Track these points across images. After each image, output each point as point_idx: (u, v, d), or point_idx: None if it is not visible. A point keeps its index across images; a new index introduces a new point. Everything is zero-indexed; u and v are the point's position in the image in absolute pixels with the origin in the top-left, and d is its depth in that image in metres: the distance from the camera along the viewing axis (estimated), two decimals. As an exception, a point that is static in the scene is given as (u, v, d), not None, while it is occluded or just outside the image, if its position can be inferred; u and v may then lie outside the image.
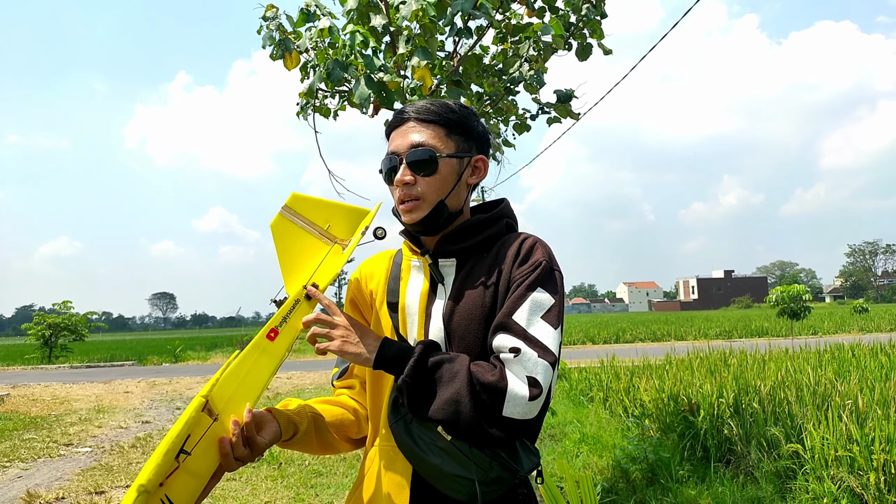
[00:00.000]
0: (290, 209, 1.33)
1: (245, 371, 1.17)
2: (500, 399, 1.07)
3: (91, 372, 18.46)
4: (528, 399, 1.07)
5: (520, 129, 4.26)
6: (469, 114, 1.33)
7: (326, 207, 1.35)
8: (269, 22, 3.54)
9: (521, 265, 1.21)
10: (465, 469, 1.10)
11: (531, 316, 1.15)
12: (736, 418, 5.06)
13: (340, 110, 3.88)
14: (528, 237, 1.28)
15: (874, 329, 24.59)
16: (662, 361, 8.41)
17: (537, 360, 1.10)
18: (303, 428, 1.26)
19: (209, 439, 1.10)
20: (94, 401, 11.27)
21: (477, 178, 1.34)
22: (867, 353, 8.16)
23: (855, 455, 3.78)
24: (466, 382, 1.09)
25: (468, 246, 1.28)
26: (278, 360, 1.20)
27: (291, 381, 13.46)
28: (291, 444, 1.27)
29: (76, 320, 23.55)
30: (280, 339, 1.20)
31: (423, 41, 3.18)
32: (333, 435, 1.34)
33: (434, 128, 1.28)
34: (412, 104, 1.32)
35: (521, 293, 1.17)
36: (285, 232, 1.32)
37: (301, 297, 1.23)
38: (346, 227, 1.34)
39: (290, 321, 1.21)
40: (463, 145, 1.31)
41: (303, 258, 1.30)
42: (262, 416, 1.21)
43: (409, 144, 1.27)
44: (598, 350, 16.35)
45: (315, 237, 1.33)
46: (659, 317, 47.16)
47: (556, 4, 3.81)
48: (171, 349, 24.33)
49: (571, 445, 6.01)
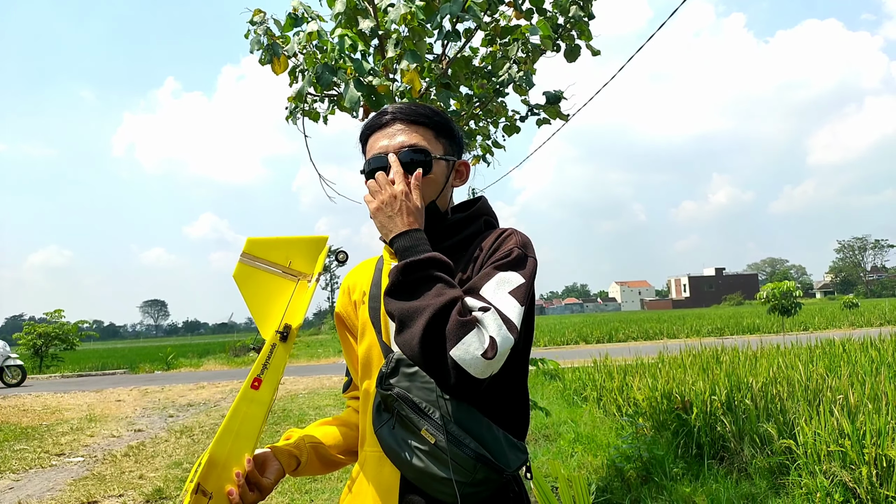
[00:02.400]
0: (249, 255, 1.35)
1: (237, 424, 1.22)
2: (456, 337, 1.04)
3: (82, 381, 18.31)
4: (480, 354, 1.03)
5: (509, 131, 4.27)
6: (450, 118, 1.34)
7: (284, 245, 1.37)
8: (257, 26, 3.53)
9: (494, 253, 1.21)
10: (450, 471, 1.09)
11: (497, 289, 1.13)
12: (729, 415, 5.09)
13: (330, 114, 3.88)
14: (505, 229, 1.27)
15: (864, 324, 24.78)
16: (655, 360, 8.44)
17: (502, 324, 1.07)
18: (304, 459, 1.31)
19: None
20: (86, 410, 11.19)
21: (460, 182, 1.34)
22: (858, 348, 8.22)
23: (846, 449, 3.81)
24: (442, 303, 1.07)
25: (447, 246, 1.27)
26: (267, 406, 1.24)
27: (285, 386, 13.41)
28: (298, 474, 1.33)
29: (67, 329, 23.32)
30: (265, 386, 1.24)
31: (412, 44, 3.19)
32: (337, 455, 1.38)
33: (423, 129, 1.28)
34: (394, 105, 1.32)
35: (488, 272, 1.16)
36: (249, 278, 1.35)
37: (276, 340, 1.25)
38: (307, 259, 1.36)
39: (270, 366, 1.24)
40: (449, 148, 1.32)
41: (272, 300, 1.33)
42: (265, 456, 1.27)
43: (399, 145, 1.26)
44: (591, 349, 16.38)
45: (279, 276, 1.35)
46: (651, 315, 47.31)
47: (543, 6, 3.82)
48: (162, 356, 24.15)
49: (566, 445, 6.02)
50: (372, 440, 1.24)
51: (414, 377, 1.15)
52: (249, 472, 1.19)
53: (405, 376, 1.16)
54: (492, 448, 1.12)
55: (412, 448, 1.12)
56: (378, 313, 1.29)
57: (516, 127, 4.23)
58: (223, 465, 1.19)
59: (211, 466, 1.18)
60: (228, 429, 1.21)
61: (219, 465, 1.19)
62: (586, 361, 10.80)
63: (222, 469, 1.19)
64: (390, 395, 1.15)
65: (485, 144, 4.54)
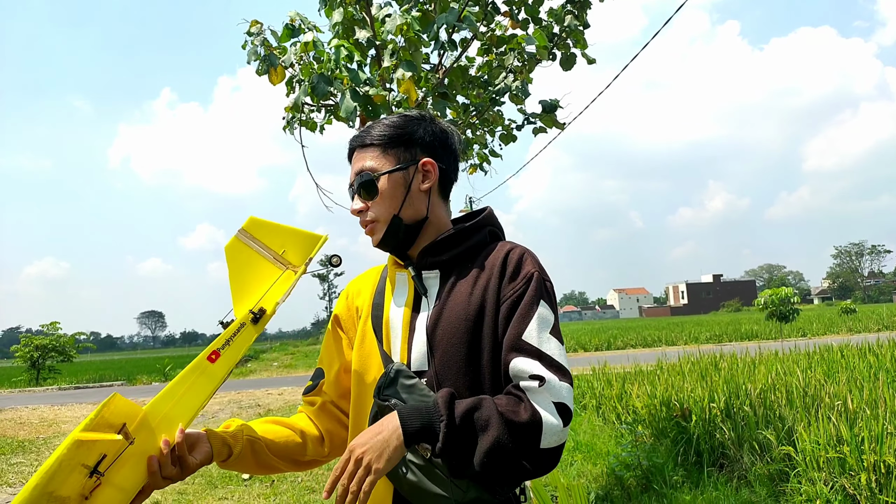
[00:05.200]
0: (247, 233, 1.33)
1: (182, 391, 1.18)
2: (538, 434, 1.07)
3: (80, 393, 18.22)
4: (562, 426, 1.08)
5: (506, 140, 4.29)
6: (409, 121, 1.31)
7: (283, 233, 1.34)
8: (254, 37, 3.55)
9: (513, 279, 1.20)
10: (443, 488, 1.09)
11: (541, 333, 1.15)
12: (728, 422, 5.08)
13: (327, 124, 3.89)
14: (514, 247, 1.26)
15: (862, 329, 24.76)
16: (654, 367, 8.43)
17: (560, 384, 1.10)
18: (237, 451, 1.24)
19: (125, 460, 1.11)
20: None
21: (430, 183, 1.30)
22: (856, 354, 8.22)
23: (845, 455, 3.80)
24: (502, 427, 1.06)
25: (451, 256, 1.27)
26: (217, 382, 1.21)
27: (283, 396, 13.35)
28: (226, 465, 1.26)
29: (64, 341, 23.21)
30: (221, 362, 1.21)
31: (408, 54, 3.20)
32: (273, 457, 1.30)
33: (371, 150, 1.30)
34: (357, 133, 1.34)
35: (525, 311, 1.17)
36: (239, 255, 1.32)
37: (247, 320, 1.24)
38: (302, 253, 1.34)
39: (233, 344, 1.22)
40: (404, 155, 1.29)
41: (254, 282, 1.31)
42: (196, 436, 1.21)
43: (354, 173, 1.31)
44: (589, 357, 16.37)
45: (269, 262, 1.33)
46: (650, 322, 47.28)
47: (539, 16, 3.85)
48: (160, 368, 24.05)
49: (565, 454, 6.00)
50: None
51: (412, 389, 1.15)
52: (178, 444, 1.14)
53: (404, 388, 1.16)
54: None
55: (406, 461, 1.11)
56: (380, 322, 1.29)
57: (513, 136, 4.26)
58: (153, 428, 1.14)
59: (143, 421, 1.13)
60: (171, 393, 1.18)
61: (150, 426, 1.14)
62: (585, 369, 10.78)
63: (151, 431, 1.14)
64: (388, 407, 1.14)
65: (482, 153, 4.56)
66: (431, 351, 1.20)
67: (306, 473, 5.93)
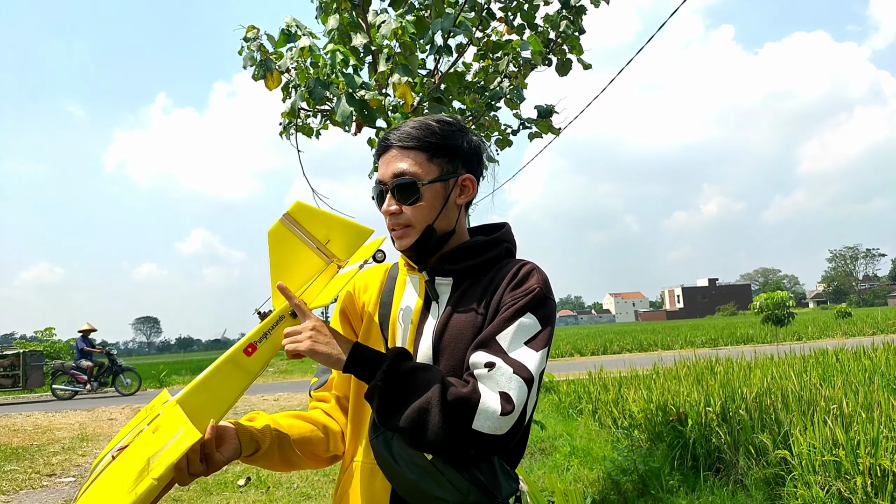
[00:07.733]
0: (292, 218, 1.26)
1: (215, 384, 1.13)
2: (471, 412, 1.06)
3: (74, 399, 18.12)
4: (499, 413, 1.06)
5: (502, 145, 4.30)
6: (454, 131, 1.30)
7: (329, 221, 1.29)
8: (251, 43, 3.55)
9: (515, 290, 1.21)
10: (443, 490, 1.09)
11: (514, 339, 1.14)
12: (724, 426, 5.09)
13: (323, 129, 3.90)
14: (525, 263, 1.27)
15: (857, 333, 24.86)
16: (650, 371, 8.44)
17: (512, 375, 1.09)
18: (265, 447, 1.22)
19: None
20: (78, 429, 11.06)
21: (466, 198, 1.32)
22: (851, 357, 8.25)
23: (841, 459, 3.81)
24: (438, 392, 1.07)
25: (466, 267, 1.28)
26: (252, 376, 1.16)
27: (279, 402, 13.31)
28: (252, 460, 1.24)
29: (58, 347, 23.14)
30: (257, 356, 1.16)
31: (404, 59, 3.21)
32: (297, 453, 1.29)
33: (415, 154, 1.27)
34: (396, 129, 1.30)
35: (508, 316, 1.17)
36: (282, 241, 1.25)
37: (286, 313, 1.19)
38: (346, 244, 1.29)
39: (271, 337, 1.17)
40: (447, 167, 1.28)
41: (296, 271, 1.25)
42: (225, 430, 1.18)
43: (392, 173, 1.26)
44: (585, 362, 16.37)
45: (312, 251, 1.27)
46: (645, 327, 47.35)
47: (534, 21, 3.86)
48: (155, 374, 23.96)
49: (562, 459, 5.99)
50: (366, 450, 1.23)
51: None
52: (206, 440, 1.10)
53: None
54: (487, 473, 1.12)
55: (407, 462, 1.12)
56: (387, 321, 1.30)
57: (509, 141, 4.27)
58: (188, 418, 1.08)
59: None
60: (205, 384, 1.12)
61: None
62: (581, 374, 10.78)
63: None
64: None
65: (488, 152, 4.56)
66: (436, 356, 1.21)
67: (302, 480, 5.91)
